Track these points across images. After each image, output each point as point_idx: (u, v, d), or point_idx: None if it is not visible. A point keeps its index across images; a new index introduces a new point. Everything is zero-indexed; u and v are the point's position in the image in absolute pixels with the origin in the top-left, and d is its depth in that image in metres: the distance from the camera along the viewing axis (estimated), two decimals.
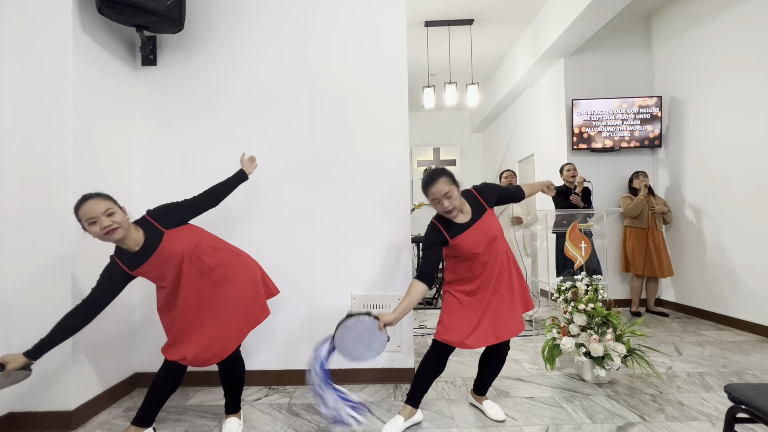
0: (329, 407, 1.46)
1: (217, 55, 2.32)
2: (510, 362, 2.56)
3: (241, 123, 2.31)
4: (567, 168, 3.68)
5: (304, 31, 2.33)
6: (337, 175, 2.30)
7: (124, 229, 1.47)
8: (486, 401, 1.89)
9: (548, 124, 4.72)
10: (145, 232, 1.54)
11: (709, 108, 3.56)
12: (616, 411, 1.86)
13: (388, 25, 2.33)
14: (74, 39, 1.84)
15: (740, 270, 3.26)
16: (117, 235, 1.45)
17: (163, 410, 1.95)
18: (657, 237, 3.75)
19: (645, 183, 3.76)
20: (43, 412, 1.76)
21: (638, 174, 3.84)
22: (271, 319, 2.25)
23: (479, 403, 1.91)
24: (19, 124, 1.80)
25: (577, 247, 2.76)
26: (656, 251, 3.73)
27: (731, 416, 1.14)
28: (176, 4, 2.02)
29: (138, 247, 1.52)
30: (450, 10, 4.21)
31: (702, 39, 3.63)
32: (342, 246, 2.28)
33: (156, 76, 2.30)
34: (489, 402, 1.88)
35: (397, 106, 2.32)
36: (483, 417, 1.84)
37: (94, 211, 1.41)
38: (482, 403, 1.89)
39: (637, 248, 3.77)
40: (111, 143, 2.09)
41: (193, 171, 2.28)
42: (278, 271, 2.25)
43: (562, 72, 4.33)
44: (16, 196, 1.79)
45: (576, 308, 2.23)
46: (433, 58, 5.19)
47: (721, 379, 2.22)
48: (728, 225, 3.38)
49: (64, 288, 1.79)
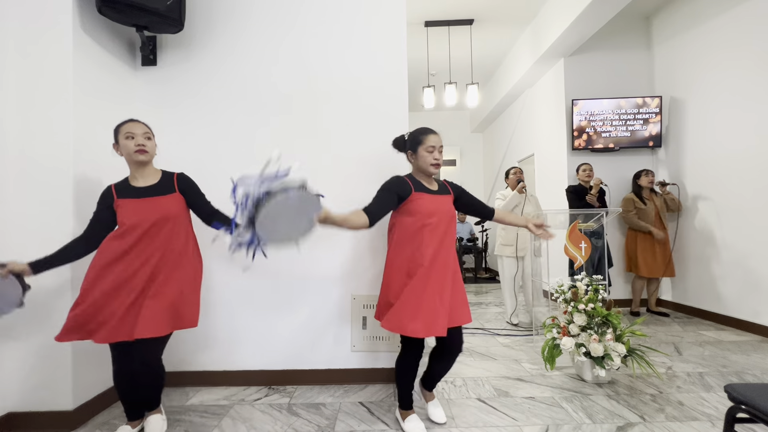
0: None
1: (217, 55, 2.32)
2: (510, 362, 2.56)
3: (241, 123, 2.30)
4: (583, 168, 3.69)
5: (304, 31, 2.33)
6: (337, 175, 2.29)
7: (150, 156, 1.62)
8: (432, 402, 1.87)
9: (548, 124, 4.72)
10: (162, 177, 1.67)
11: (709, 108, 3.56)
12: (616, 411, 1.86)
13: (388, 26, 2.33)
14: (74, 39, 1.84)
15: (740, 270, 3.26)
16: (144, 157, 1.59)
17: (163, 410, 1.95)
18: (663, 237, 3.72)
19: (657, 181, 3.75)
20: (43, 412, 1.76)
21: (647, 172, 3.77)
22: (271, 319, 2.25)
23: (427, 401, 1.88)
24: (20, 123, 1.80)
25: (577, 247, 2.76)
26: (663, 252, 3.71)
27: (731, 416, 1.14)
28: (176, 4, 2.02)
29: (145, 185, 1.62)
30: (450, 10, 4.21)
31: (702, 39, 3.63)
32: (342, 246, 2.28)
33: (156, 76, 2.30)
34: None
35: (397, 106, 2.32)
36: (484, 417, 1.84)
37: (136, 129, 1.58)
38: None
39: (641, 250, 3.74)
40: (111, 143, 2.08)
41: (193, 171, 2.26)
42: (278, 271, 2.25)
43: (562, 72, 4.33)
44: (16, 196, 1.79)
45: (576, 308, 2.23)
46: (433, 58, 5.19)
47: (721, 379, 2.22)
48: (728, 225, 3.38)
49: (65, 287, 1.79)
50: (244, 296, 2.25)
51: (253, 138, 2.30)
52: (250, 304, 2.25)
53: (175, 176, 1.70)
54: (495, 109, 6.18)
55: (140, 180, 1.63)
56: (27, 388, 1.77)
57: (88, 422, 1.84)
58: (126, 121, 1.60)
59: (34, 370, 1.77)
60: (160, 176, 1.67)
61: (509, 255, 3.44)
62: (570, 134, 4.22)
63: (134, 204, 1.57)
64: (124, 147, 1.57)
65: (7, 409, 1.76)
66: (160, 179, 1.66)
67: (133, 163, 1.61)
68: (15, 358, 1.76)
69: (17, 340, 1.76)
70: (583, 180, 3.67)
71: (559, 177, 4.38)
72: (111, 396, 2.01)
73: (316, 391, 2.15)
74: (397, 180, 1.69)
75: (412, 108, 6.71)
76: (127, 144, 1.56)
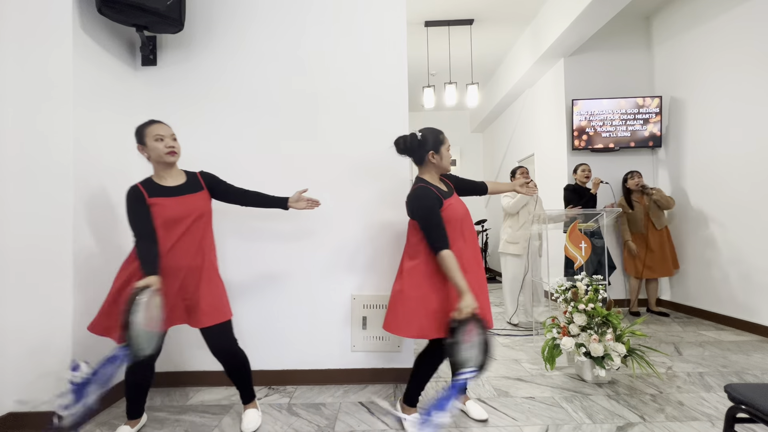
0: None
1: (218, 55, 2.32)
2: (510, 362, 2.56)
3: (241, 123, 2.30)
4: (582, 168, 3.69)
5: (303, 31, 2.33)
6: (337, 175, 2.29)
7: (178, 157, 1.66)
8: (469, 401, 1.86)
9: (548, 124, 4.72)
10: (188, 177, 1.71)
11: (709, 108, 3.56)
12: (616, 411, 1.86)
13: (388, 25, 2.33)
14: (74, 39, 1.84)
15: (740, 270, 3.26)
16: (174, 158, 1.63)
17: (163, 410, 1.95)
18: (656, 237, 3.72)
19: (641, 183, 3.74)
20: (44, 412, 1.76)
21: (632, 174, 3.80)
22: (272, 319, 2.26)
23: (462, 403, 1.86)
24: (19, 123, 1.80)
25: (577, 247, 2.76)
26: (660, 252, 3.71)
27: (731, 416, 1.14)
28: (176, 4, 2.02)
29: (174, 184, 1.65)
30: (450, 10, 4.21)
31: (702, 39, 3.63)
32: (342, 246, 2.28)
33: (156, 76, 2.30)
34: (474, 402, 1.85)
35: (398, 106, 2.32)
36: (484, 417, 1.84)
37: (164, 131, 1.62)
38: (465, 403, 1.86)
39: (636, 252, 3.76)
40: (111, 143, 2.09)
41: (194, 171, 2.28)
42: (278, 271, 2.25)
43: (562, 72, 4.33)
44: (17, 196, 1.79)
45: (576, 308, 2.23)
46: (433, 58, 5.19)
47: (721, 379, 2.22)
48: (728, 225, 3.38)
49: (65, 287, 1.79)
50: (244, 296, 2.25)
51: (254, 138, 2.30)
52: (250, 304, 2.25)
53: (199, 174, 1.75)
54: (495, 109, 6.18)
55: (169, 179, 1.65)
56: (27, 388, 1.76)
57: (88, 422, 1.84)
58: (150, 123, 1.62)
59: (34, 370, 1.77)
60: (185, 175, 1.71)
61: (514, 253, 3.43)
62: (570, 134, 4.22)
63: (173, 202, 1.60)
64: (154, 149, 1.59)
65: (8, 409, 1.76)
66: (187, 178, 1.70)
67: (162, 164, 1.63)
68: (15, 358, 1.76)
69: (17, 340, 1.76)
70: (580, 180, 3.67)
71: (559, 177, 4.38)
72: (111, 396, 2.01)
73: (316, 391, 2.15)
74: (430, 194, 1.59)
75: (412, 108, 6.71)
76: (156, 146, 1.59)
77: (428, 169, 1.71)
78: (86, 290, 1.87)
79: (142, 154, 1.64)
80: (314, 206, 1.92)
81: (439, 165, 1.69)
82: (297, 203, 1.87)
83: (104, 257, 2.00)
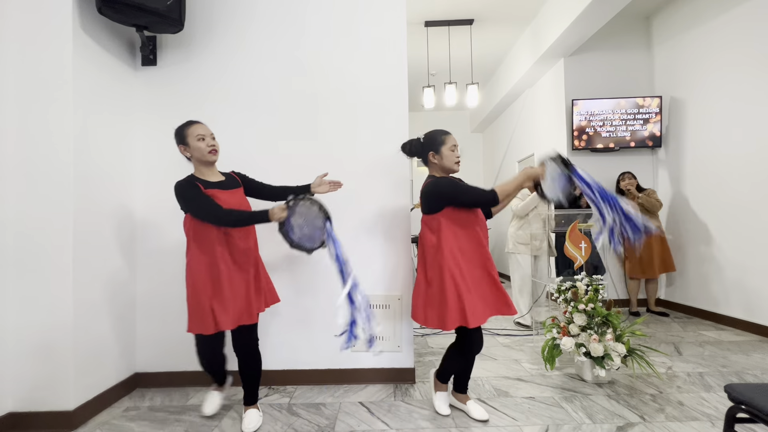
0: None
1: (217, 55, 2.32)
2: (510, 362, 2.56)
3: (241, 123, 2.30)
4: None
5: (303, 31, 2.33)
6: (337, 175, 2.28)
7: (218, 156, 1.71)
8: (470, 401, 1.87)
9: (548, 124, 4.72)
10: (225, 175, 1.76)
11: (709, 108, 3.56)
12: (616, 411, 1.86)
13: (388, 25, 2.33)
14: (74, 39, 1.84)
15: (740, 270, 3.26)
16: (215, 156, 1.69)
17: (163, 410, 1.95)
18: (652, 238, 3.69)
19: (633, 184, 3.75)
20: (43, 412, 1.76)
21: (624, 176, 3.82)
22: (271, 320, 2.25)
23: (463, 403, 1.88)
24: (19, 123, 1.80)
25: (577, 247, 2.76)
26: (646, 254, 3.69)
27: (731, 416, 1.13)
28: (176, 4, 2.02)
29: (217, 180, 1.70)
30: (450, 10, 4.21)
31: (702, 39, 3.63)
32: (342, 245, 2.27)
33: (156, 76, 2.30)
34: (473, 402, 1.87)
35: (398, 106, 2.32)
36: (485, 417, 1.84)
37: (204, 131, 1.67)
38: (466, 403, 1.87)
39: (629, 253, 3.77)
40: (111, 143, 2.09)
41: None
42: (278, 272, 2.25)
43: (562, 72, 4.33)
44: (17, 196, 1.78)
45: (576, 308, 2.23)
46: (433, 58, 5.19)
47: (721, 379, 2.22)
48: (728, 225, 3.38)
49: (65, 287, 1.79)
50: None
51: (253, 138, 2.30)
52: None
53: (233, 173, 1.82)
54: (495, 109, 6.18)
55: (211, 177, 1.70)
56: (27, 388, 1.77)
57: (88, 422, 1.84)
58: (191, 124, 1.67)
59: (34, 370, 1.77)
60: (221, 174, 1.76)
61: (525, 253, 3.41)
62: (570, 134, 4.22)
63: (226, 194, 1.66)
64: (197, 149, 1.64)
65: (7, 409, 1.75)
66: (225, 176, 1.76)
67: (204, 163, 1.68)
68: (15, 358, 1.76)
69: (17, 340, 1.76)
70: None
71: None
72: (111, 396, 2.01)
73: (316, 391, 2.15)
74: (453, 182, 1.72)
75: (412, 108, 6.70)
76: (199, 146, 1.64)
77: (434, 170, 1.82)
78: (86, 290, 1.87)
79: (184, 154, 1.69)
80: (337, 188, 1.93)
81: (441, 165, 1.77)
82: (320, 187, 1.88)
83: (104, 257, 2.00)
